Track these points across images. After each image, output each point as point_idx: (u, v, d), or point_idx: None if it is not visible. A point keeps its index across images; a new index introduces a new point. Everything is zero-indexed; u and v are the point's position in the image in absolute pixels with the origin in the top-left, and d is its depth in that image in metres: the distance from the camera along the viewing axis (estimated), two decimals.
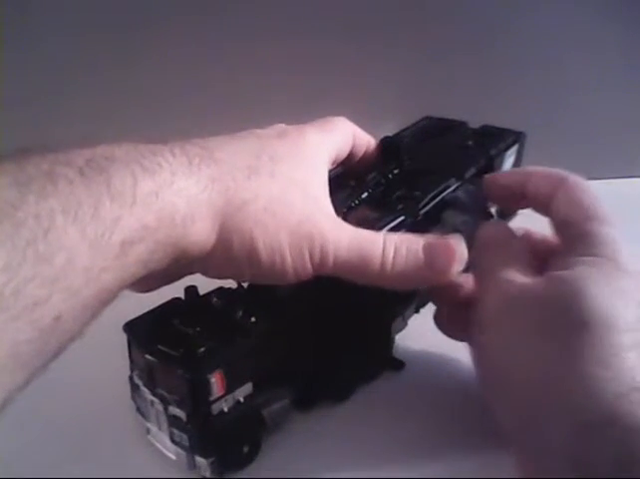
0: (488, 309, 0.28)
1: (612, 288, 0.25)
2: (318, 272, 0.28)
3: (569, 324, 0.24)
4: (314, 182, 0.29)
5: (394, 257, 0.28)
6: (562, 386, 0.23)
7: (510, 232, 0.31)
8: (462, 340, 0.33)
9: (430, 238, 0.30)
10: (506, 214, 0.37)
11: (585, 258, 0.26)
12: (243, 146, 0.28)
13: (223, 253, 0.26)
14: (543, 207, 0.31)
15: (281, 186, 0.27)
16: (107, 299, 0.22)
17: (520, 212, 0.36)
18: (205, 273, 0.28)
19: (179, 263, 0.25)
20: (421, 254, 0.29)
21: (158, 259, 0.23)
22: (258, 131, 0.31)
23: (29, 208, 0.19)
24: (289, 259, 0.27)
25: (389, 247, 0.29)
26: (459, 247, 0.29)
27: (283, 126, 0.33)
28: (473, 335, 0.29)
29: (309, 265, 0.28)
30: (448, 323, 0.33)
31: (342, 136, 0.33)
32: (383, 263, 0.28)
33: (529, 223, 0.34)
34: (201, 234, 0.25)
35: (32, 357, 0.19)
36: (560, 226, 0.30)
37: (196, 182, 0.24)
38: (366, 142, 0.36)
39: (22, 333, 0.18)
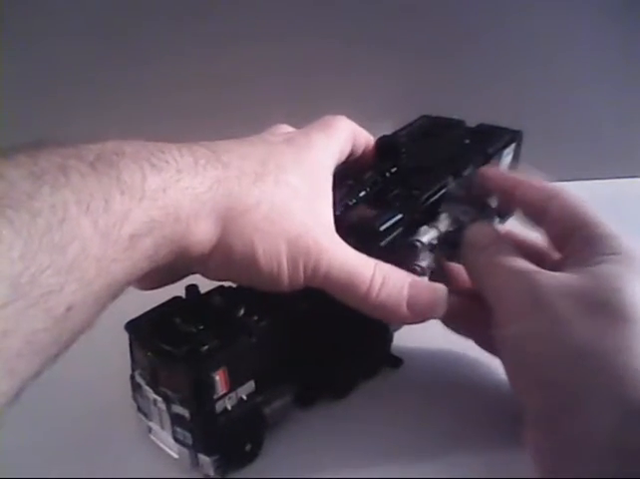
0: (515, 298, 0.28)
1: None
2: (308, 284, 0.29)
3: (610, 318, 0.25)
4: (318, 194, 0.30)
5: (380, 287, 0.29)
6: (606, 376, 0.24)
7: (498, 231, 0.32)
8: (467, 336, 0.34)
9: (417, 279, 0.31)
10: (504, 212, 0.38)
11: (609, 257, 0.27)
12: (251, 151, 0.29)
13: (223, 256, 0.27)
14: (533, 214, 0.32)
15: (284, 195, 0.28)
16: (115, 292, 0.22)
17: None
18: (205, 274, 0.29)
19: (181, 262, 0.26)
20: (405, 292, 0.30)
21: (163, 255, 0.24)
22: (266, 136, 0.31)
23: (44, 198, 0.19)
24: (285, 269, 0.28)
25: (378, 276, 0.29)
26: (441, 296, 0.30)
27: (287, 127, 0.33)
28: (495, 326, 0.29)
29: (302, 277, 0.28)
30: (453, 319, 0.33)
31: (345, 137, 0.34)
32: (369, 290, 0.29)
33: None
34: (203, 233, 0.25)
35: (46, 346, 0.19)
36: (563, 230, 0.30)
37: (201, 182, 0.25)
38: (365, 140, 0.36)
39: (38, 321, 0.18)
